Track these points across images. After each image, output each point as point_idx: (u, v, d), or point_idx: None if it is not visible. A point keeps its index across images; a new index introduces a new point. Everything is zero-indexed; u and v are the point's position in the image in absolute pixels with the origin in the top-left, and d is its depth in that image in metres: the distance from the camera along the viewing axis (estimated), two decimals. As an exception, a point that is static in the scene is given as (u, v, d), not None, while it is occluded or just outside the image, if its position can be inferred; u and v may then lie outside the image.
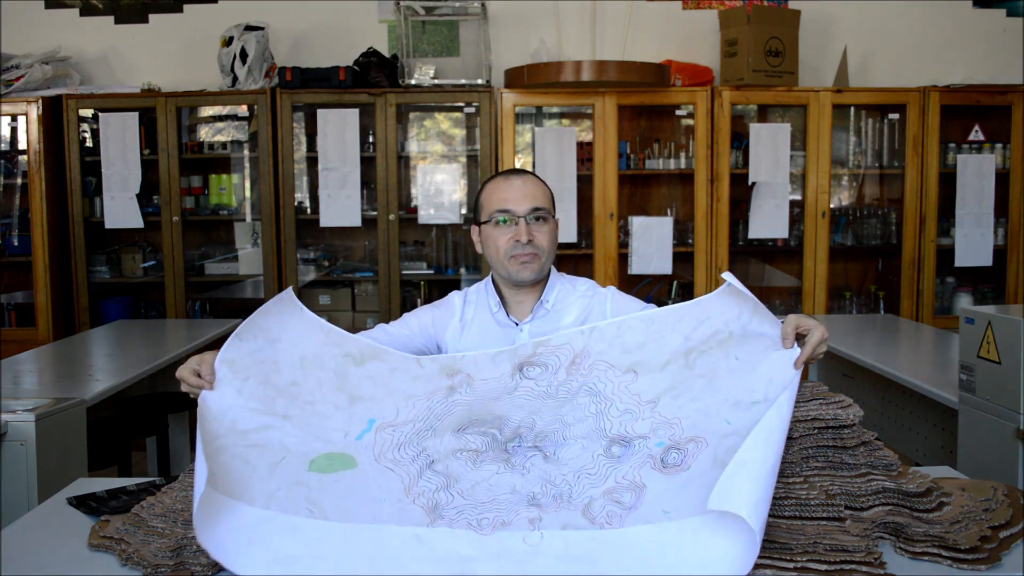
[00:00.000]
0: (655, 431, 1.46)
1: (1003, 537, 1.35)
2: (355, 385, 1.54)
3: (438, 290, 4.74)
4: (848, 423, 1.46)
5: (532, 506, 1.35)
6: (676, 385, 1.49)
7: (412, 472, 1.44)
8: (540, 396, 1.52)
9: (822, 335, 1.48)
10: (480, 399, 1.52)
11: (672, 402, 1.48)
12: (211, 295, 4.79)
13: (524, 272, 1.92)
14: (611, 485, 1.39)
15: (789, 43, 4.45)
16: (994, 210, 4.56)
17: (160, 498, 1.48)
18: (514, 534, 1.30)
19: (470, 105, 4.57)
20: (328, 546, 1.32)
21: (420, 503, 1.37)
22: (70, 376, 2.90)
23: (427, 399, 1.52)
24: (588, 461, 1.44)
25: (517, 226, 1.90)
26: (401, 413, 1.52)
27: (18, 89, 4.45)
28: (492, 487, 1.40)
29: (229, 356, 1.52)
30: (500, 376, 1.53)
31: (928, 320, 4.54)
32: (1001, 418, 2.22)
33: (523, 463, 1.44)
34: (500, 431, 1.49)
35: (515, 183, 1.94)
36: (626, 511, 1.34)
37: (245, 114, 4.69)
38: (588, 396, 1.51)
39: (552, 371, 1.53)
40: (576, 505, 1.35)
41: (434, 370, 1.54)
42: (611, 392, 1.50)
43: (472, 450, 1.46)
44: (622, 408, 1.49)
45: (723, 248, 4.53)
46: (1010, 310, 2.27)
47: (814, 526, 1.32)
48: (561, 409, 1.51)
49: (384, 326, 2.05)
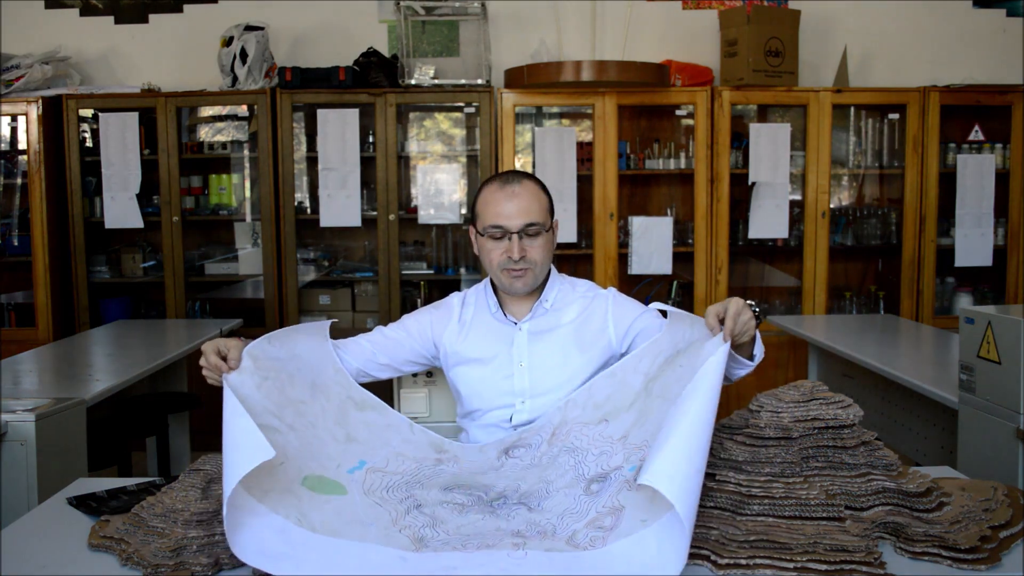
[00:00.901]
0: (627, 459, 1.53)
1: (1003, 537, 1.35)
2: (353, 426, 1.65)
3: (438, 290, 4.74)
4: (848, 423, 1.46)
5: (517, 537, 1.38)
6: (641, 415, 1.60)
7: (400, 510, 1.48)
8: (525, 468, 1.62)
9: (737, 307, 1.57)
10: (466, 472, 1.62)
11: (639, 431, 1.57)
12: (211, 295, 4.79)
13: (516, 284, 1.94)
14: (592, 516, 1.42)
15: (789, 43, 4.45)
16: (994, 210, 4.56)
17: (160, 498, 1.48)
18: (499, 551, 1.33)
19: (470, 105, 4.57)
20: (313, 552, 1.33)
21: (407, 533, 1.40)
22: (70, 376, 2.90)
23: (416, 462, 1.62)
24: (571, 504, 1.48)
25: (510, 241, 1.90)
26: (391, 464, 1.61)
27: (18, 89, 4.45)
28: (477, 526, 1.44)
29: (256, 352, 1.61)
30: (486, 459, 1.66)
31: (928, 320, 4.54)
32: (1001, 418, 2.22)
33: (508, 514, 1.48)
34: (486, 493, 1.54)
35: (510, 196, 1.92)
36: (608, 532, 1.36)
37: (245, 114, 4.70)
38: (567, 454, 1.60)
39: (535, 447, 1.66)
40: (560, 538, 1.38)
41: (424, 442, 1.67)
42: (587, 444, 1.60)
43: (459, 504, 1.50)
44: (597, 452, 1.58)
45: (723, 248, 4.53)
46: (1010, 310, 2.27)
47: (814, 526, 1.32)
48: (544, 472, 1.59)
49: (382, 329, 2.05)
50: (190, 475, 1.52)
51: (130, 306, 4.70)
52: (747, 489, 1.38)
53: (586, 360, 1.95)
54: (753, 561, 1.27)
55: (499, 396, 1.96)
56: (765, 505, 1.35)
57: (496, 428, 1.97)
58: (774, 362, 4.55)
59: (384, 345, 2.01)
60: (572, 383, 1.93)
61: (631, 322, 1.96)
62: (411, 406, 2.56)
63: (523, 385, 1.95)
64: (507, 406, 1.96)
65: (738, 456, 1.43)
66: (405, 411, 2.57)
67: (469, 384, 2.00)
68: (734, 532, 1.32)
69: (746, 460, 1.42)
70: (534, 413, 1.93)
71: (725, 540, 1.31)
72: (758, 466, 1.41)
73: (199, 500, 1.44)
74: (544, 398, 1.93)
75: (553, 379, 1.94)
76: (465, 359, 2.01)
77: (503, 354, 1.98)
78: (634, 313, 1.97)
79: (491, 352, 1.99)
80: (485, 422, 1.99)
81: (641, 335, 1.93)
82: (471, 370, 2.00)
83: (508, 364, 1.97)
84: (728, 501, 1.38)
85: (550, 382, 1.94)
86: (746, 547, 1.30)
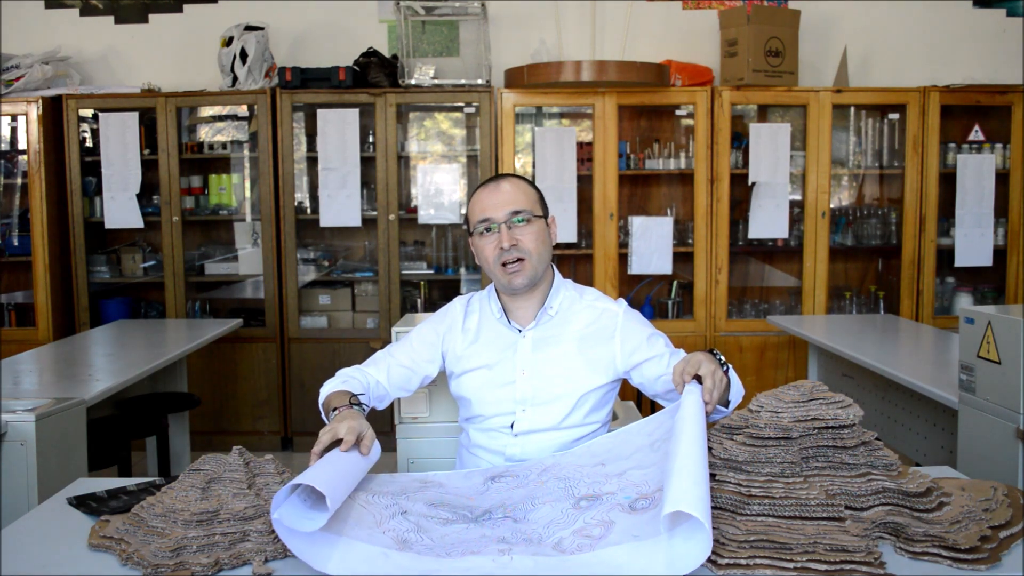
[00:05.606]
0: (623, 489, 1.51)
1: (1003, 537, 1.35)
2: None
3: (438, 290, 4.74)
4: (848, 423, 1.46)
5: (502, 543, 1.37)
6: (641, 463, 1.59)
7: (384, 514, 1.48)
8: (511, 489, 1.62)
9: (709, 369, 1.62)
10: (452, 494, 1.61)
11: (637, 472, 1.56)
12: (211, 295, 4.79)
13: (516, 279, 1.92)
14: (580, 526, 1.42)
15: (789, 43, 4.45)
16: (994, 210, 4.56)
17: (160, 498, 1.48)
18: (484, 557, 1.33)
19: (470, 105, 4.57)
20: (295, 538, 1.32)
21: (390, 535, 1.40)
22: (70, 376, 2.90)
23: (401, 485, 1.64)
24: (558, 515, 1.47)
25: (499, 233, 1.90)
26: (375, 484, 1.61)
27: (18, 89, 4.45)
28: (462, 535, 1.43)
29: None
30: (472, 485, 1.66)
31: (928, 320, 4.54)
32: (1001, 418, 2.22)
33: (494, 525, 1.48)
34: (471, 512, 1.54)
35: (493, 191, 1.94)
36: (596, 540, 1.35)
37: (245, 114, 4.70)
38: (557, 481, 1.61)
39: (523, 477, 1.66)
40: (546, 544, 1.37)
41: (408, 476, 1.71)
42: (579, 476, 1.61)
43: (443, 518, 1.50)
44: (590, 482, 1.57)
45: (723, 248, 4.53)
46: (1010, 310, 2.27)
47: (814, 526, 1.32)
48: (532, 491, 1.59)
49: (393, 353, 2.03)
50: (190, 475, 1.52)
51: (130, 306, 4.70)
52: (747, 489, 1.37)
53: (589, 372, 1.95)
54: (753, 561, 1.27)
55: (500, 403, 1.96)
56: (765, 505, 1.35)
57: (497, 433, 1.96)
58: (774, 362, 4.55)
59: (400, 375, 2.01)
60: (574, 394, 1.93)
61: (637, 344, 1.95)
62: (411, 407, 2.55)
63: (524, 393, 1.95)
64: (508, 413, 1.96)
65: (738, 456, 1.43)
66: (405, 412, 2.57)
67: (471, 390, 2.00)
68: (734, 532, 1.32)
69: (746, 460, 1.42)
70: (535, 421, 1.93)
71: (725, 540, 1.31)
72: (758, 466, 1.41)
73: (199, 500, 1.44)
74: (546, 407, 1.93)
75: (555, 389, 1.94)
76: (468, 367, 2.00)
77: (505, 361, 1.97)
78: (641, 336, 1.96)
79: (494, 359, 1.98)
80: (486, 427, 1.99)
81: (647, 365, 1.94)
82: (473, 376, 1.99)
83: (510, 371, 1.96)
84: (728, 501, 1.38)
85: (551, 392, 1.94)
86: (746, 547, 1.29)
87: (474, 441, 2.01)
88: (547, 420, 1.93)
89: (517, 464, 1.78)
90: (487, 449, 1.98)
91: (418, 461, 2.56)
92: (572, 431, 1.94)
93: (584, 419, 1.95)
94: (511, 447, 1.94)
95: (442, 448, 2.53)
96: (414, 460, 2.57)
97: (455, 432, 2.28)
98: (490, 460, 1.97)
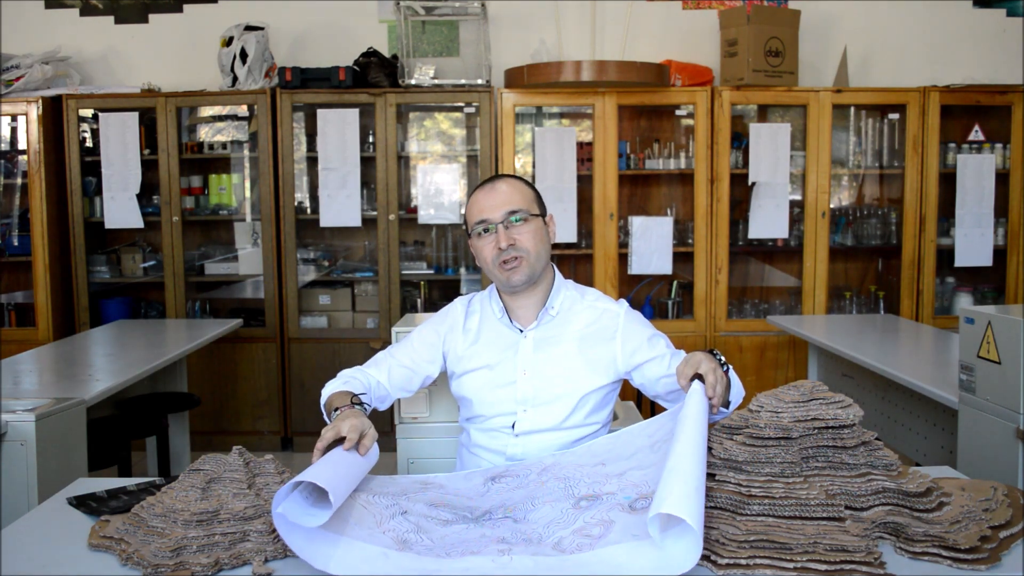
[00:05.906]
0: (623, 490, 1.52)
1: (1003, 537, 1.35)
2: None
3: (438, 290, 4.74)
4: (848, 423, 1.46)
5: (502, 544, 1.38)
6: (641, 463, 1.60)
7: (385, 514, 1.48)
8: (511, 490, 1.62)
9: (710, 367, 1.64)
10: (452, 495, 1.62)
11: (637, 472, 1.57)
12: (211, 295, 4.79)
13: (514, 276, 1.92)
14: (580, 525, 1.42)
15: (789, 43, 4.45)
16: (994, 210, 4.56)
17: (160, 498, 1.48)
18: (483, 557, 1.33)
19: (470, 105, 4.57)
20: (296, 536, 1.33)
21: (391, 535, 1.41)
22: (70, 376, 2.90)
23: (401, 486, 1.64)
24: (558, 515, 1.48)
25: (497, 233, 1.90)
26: (375, 485, 1.62)
27: (18, 89, 4.45)
28: (461, 535, 1.44)
29: None
30: (472, 486, 1.67)
31: (928, 320, 4.54)
32: (1001, 418, 2.22)
33: (493, 525, 1.48)
34: (471, 513, 1.54)
35: (489, 192, 1.95)
36: (595, 540, 1.36)
37: (245, 114, 4.70)
38: (557, 481, 1.61)
39: (524, 477, 1.67)
40: (546, 543, 1.38)
41: (409, 479, 1.71)
42: (579, 475, 1.62)
43: (443, 519, 1.50)
44: (590, 481, 1.58)
45: (723, 248, 4.53)
46: (1010, 310, 2.27)
47: (814, 526, 1.32)
48: (532, 492, 1.60)
49: (394, 354, 2.03)
50: (190, 475, 1.52)
51: (130, 306, 4.70)
52: (747, 489, 1.38)
53: (590, 373, 1.95)
54: (753, 561, 1.27)
55: (501, 403, 1.96)
56: (765, 505, 1.35)
57: (498, 433, 1.96)
58: (774, 362, 4.55)
59: (401, 375, 2.01)
60: (575, 395, 1.93)
61: (638, 345, 1.95)
62: (411, 407, 2.55)
63: (525, 393, 1.95)
64: (509, 413, 1.96)
65: (738, 456, 1.43)
66: (405, 412, 2.57)
67: (472, 390, 2.00)
68: (734, 532, 1.32)
69: (746, 460, 1.42)
70: (536, 421, 1.93)
71: (725, 540, 1.31)
72: (758, 466, 1.41)
73: (199, 500, 1.44)
74: (547, 407, 1.93)
75: (556, 389, 1.94)
76: (469, 367, 2.00)
77: (506, 361, 1.97)
78: (642, 337, 1.97)
79: (495, 359, 1.98)
80: (487, 427, 1.99)
81: (648, 366, 1.94)
82: (474, 376, 1.99)
83: (511, 371, 1.96)
84: (728, 501, 1.38)
85: (552, 392, 1.94)
86: (746, 547, 1.29)
87: (475, 441, 2.01)
88: (548, 420, 1.93)
89: (517, 463, 1.79)
90: (488, 449, 1.98)
91: (418, 461, 2.56)
92: (573, 431, 1.95)
93: (585, 419, 1.96)
94: (512, 447, 1.94)
95: (442, 448, 2.53)
96: (414, 460, 2.57)
97: (455, 432, 2.28)
98: (491, 460, 1.97)
